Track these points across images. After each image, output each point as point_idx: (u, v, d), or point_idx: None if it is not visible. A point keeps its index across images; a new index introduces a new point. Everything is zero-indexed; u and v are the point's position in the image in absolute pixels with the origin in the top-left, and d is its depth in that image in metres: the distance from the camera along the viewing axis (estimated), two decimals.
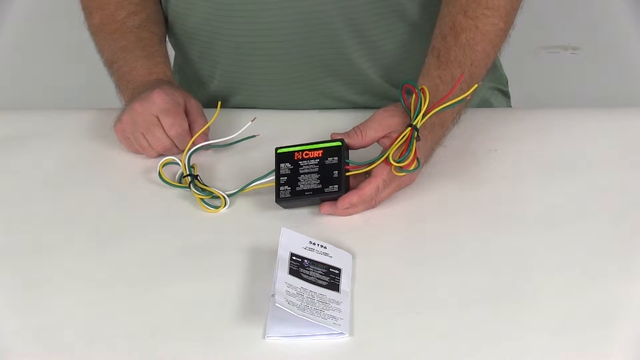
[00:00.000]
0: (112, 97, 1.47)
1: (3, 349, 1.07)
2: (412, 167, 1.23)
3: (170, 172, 1.32)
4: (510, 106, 1.64)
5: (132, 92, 1.39)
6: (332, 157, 1.25)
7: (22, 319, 1.12)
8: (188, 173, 1.29)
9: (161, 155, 1.35)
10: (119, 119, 1.36)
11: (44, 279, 1.17)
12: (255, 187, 1.27)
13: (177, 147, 1.35)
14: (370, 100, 1.48)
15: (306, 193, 1.24)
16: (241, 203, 1.28)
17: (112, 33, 1.46)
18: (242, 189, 1.27)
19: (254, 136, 1.32)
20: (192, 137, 1.33)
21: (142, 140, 1.34)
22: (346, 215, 1.24)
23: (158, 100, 1.33)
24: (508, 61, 1.63)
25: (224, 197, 1.27)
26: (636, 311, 1.11)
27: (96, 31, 1.48)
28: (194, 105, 1.37)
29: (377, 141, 1.27)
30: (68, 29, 2.72)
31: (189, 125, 1.35)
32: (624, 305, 1.11)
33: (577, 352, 1.06)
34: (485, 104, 1.58)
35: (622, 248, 1.19)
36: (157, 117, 1.33)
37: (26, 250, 1.22)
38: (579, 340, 1.07)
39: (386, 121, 1.26)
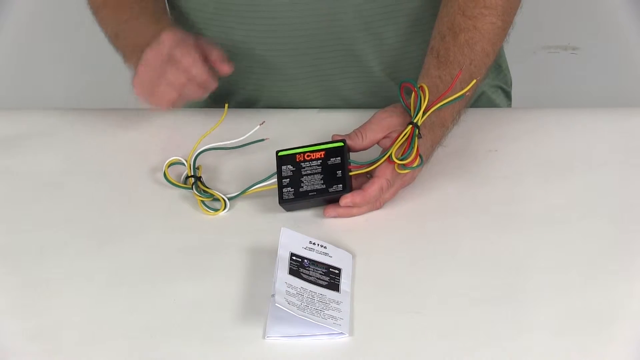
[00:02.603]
0: (112, 97, 1.48)
1: (3, 349, 1.07)
2: (415, 164, 1.23)
3: (174, 173, 1.31)
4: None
5: (141, 53, 1.37)
6: (335, 157, 1.24)
7: (22, 319, 1.12)
8: (192, 174, 1.29)
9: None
10: (135, 73, 1.35)
11: (44, 279, 1.17)
12: (257, 189, 1.27)
13: (193, 83, 1.33)
14: (374, 101, 1.48)
15: (310, 194, 1.24)
16: (242, 204, 1.28)
17: (115, 8, 1.45)
18: (243, 192, 1.27)
19: (262, 140, 1.32)
20: (208, 66, 1.33)
21: (162, 85, 1.32)
22: (350, 216, 1.24)
23: (166, 39, 1.32)
24: (508, 61, 1.63)
25: (225, 201, 1.26)
26: (636, 311, 1.11)
27: (99, 9, 1.47)
28: (204, 40, 1.36)
29: (377, 142, 1.27)
30: (68, 29, 2.72)
31: (205, 58, 1.34)
32: (624, 305, 1.11)
33: (577, 352, 1.06)
34: (487, 100, 1.58)
35: (622, 248, 1.19)
36: (169, 55, 1.32)
37: (26, 250, 1.22)
38: (579, 340, 1.07)
39: (385, 122, 1.26)
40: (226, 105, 1.35)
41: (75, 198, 1.30)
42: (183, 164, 1.31)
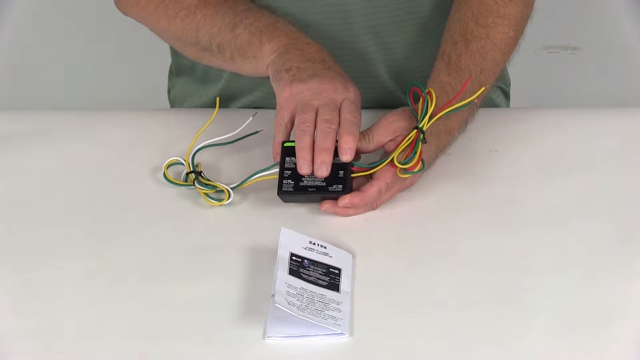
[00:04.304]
0: (112, 97, 1.47)
1: (3, 349, 1.07)
2: (416, 169, 1.22)
3: (173, 172, 1.31)
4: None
5: (291, 41, 1.29)
6: (339, 156, 1.24)
7: (22, 319, 1.12)
8: (192, 170, 1.29)
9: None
10: (299, 79, 1.25)
11: (44, 279, 1.17)
12: (258, 179, 1.26)
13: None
14: (381, 108, 1.47)
15: (309, 189, 1.24)
16: (242, 202, 1.28)
17: (223, 3, 1.37)
18: (245, 181, 1.27)
19: (257, 132, 1.32)
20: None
21: (312, 115, 1.23)
22: (346, 216, 1.24)
23: (352, 90, 1.26)
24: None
25: (228, 191, 1.26)
26: (636, 311, 1.11)
27: (195, 11, 1.37)
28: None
29: (383, 145, 1.26)
30: (68, 29, 2.73)
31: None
32: (624, 305, 1.11)
33: (577, 352, 1.06)
34: (487, 100, 1.57)
35: (622, 248, 1.19)
36: (341, 103, 1.24)
37: (26, 250, 1.22)
38: (579, 340, 1.07)
39: (392, 126, 1.25)
40: (217, 99, 1.35)
41: (75, 198, 1.30)
42: (182, 164, 1.31)
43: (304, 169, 1.22)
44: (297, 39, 1.31)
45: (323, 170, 1.22)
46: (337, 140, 1.22)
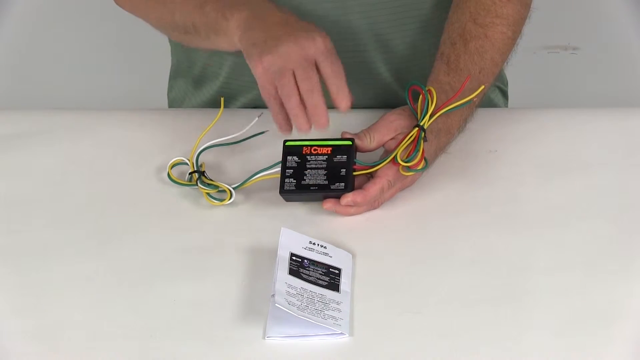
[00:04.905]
0: (112, 97, 1.47)
1: (3, 349, 1.07)
2: (420, 166, 1.23)
3: (177, 172, 1.31)
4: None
5: (253, 12, 1.27)
6: (341, 155, 1.24)
7: (22, 319, 1.12)
8: (196, 169, 1.29)
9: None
10: (267, 51, 1.22)
11: (44, 279, 1.17)
12: (260, 178, 1.27)
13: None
14: (382, 106, 1.47)
15: (311, 188, 1.24)
16: (242, 202, 1.28)
17: None
18: (247, 180, 1.27)
19: (262, 132, 1.32)
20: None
21: (290, 78, 1.21)
22: (348, 215, 1.24)
23: (319, 40, 1.22)
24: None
25: (230, 190, 1.26)
26: (636, 311, 1.11)
27: None
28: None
29: (384, 144, 1.26)
30: (69, 28, 2.73)
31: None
32: (624, 305, 1.11)
33: (577, 352, 1.06)
34: (486, 99, 1.57)
35: (622, 248, 1.19)
36: (309, 61, 1.22)
37: (26, 250, 1.22)
38: (579, 340, 1.07)
39: (393, 124, 1.26)
40: (222, 99, 1.35)
41: (75, 198, 1.30)
42: (186, 164, 1.31)
43: (302, 125, 1.20)
44: (258, 7, 1.27)
45: (323, 120, 1.19)
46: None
